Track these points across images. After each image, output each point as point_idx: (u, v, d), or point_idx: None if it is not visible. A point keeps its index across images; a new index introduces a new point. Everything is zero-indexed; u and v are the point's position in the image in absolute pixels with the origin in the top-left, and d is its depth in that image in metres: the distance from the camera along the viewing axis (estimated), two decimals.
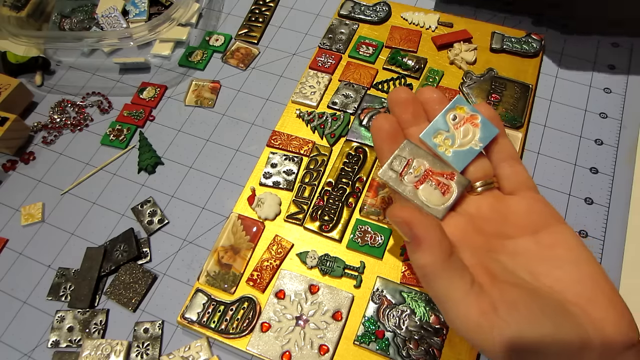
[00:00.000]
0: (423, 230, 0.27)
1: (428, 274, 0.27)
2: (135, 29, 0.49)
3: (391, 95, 0.34)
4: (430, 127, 0.32)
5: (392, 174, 0.32)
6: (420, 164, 0.32)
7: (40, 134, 0.51)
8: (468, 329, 0.26)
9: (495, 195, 0.32)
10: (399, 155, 0.32)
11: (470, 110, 0.32)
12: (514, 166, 0.32)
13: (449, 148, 0.32)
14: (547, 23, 0.53)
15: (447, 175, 0.31)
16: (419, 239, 0.27)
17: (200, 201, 0.45)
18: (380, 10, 0.54)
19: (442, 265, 0.27)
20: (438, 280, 0.27)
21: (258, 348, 0.37)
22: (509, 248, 0.30)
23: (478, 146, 0.32)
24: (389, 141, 0.33)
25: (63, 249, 0.44)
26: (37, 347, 0.39)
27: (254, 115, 0.50)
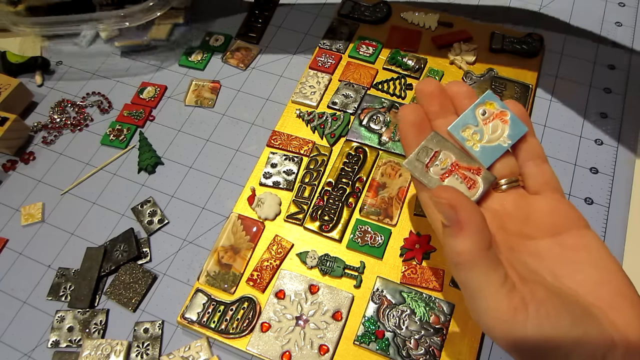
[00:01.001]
0: (467, 215, 0.26)
1: (464, 261, 0.26)
2: (130, 10, 0.49)
3: (419, 86, 0.34)
4: (459, 120, 0.32)
5: (418, 165, 0.31)
6: (447, 156, 0.31)
7: (40, 134, 0.51)
8: (496, 323, 0.26)
9: (519, 193, 0.31)
10: (426, 147, 0.32)
11: (500, 106, 0.32)
12: (540, 166, 0.32)
13: (477, 143, 0.32)
14: None
15: (473, 170, 0.31)
16: (462, 223, 0.26)
17: (200, 201, 0.45)
18: (380, 10, 0.54)
19: (480, 254, 0.26)
20: (473, 270, 0.26)
21: (258, 348, 0.37)
22: (530, 248, 0.29)
23: (506, 143, 0.31)
24: (415, 131, 0.32)
25: (63, 249, 0.44)
26: (37, 347, 0.39)
27: (254, 115, 0.50)
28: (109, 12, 0.50)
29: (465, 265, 0.26)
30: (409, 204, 0.42)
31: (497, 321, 0.26)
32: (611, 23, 0.53)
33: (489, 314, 0.26)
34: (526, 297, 0.26)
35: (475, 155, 0.31)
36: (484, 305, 0.26)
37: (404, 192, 0.43)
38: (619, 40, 0.51)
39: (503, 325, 0.25)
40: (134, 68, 0.55)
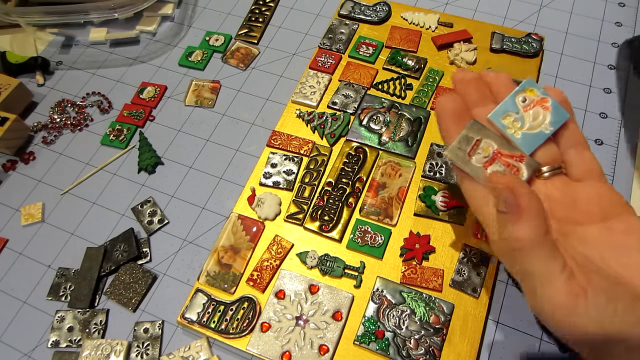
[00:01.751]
0: (526, 200, 0.26)
1: (524, 247, 0.26)
2: (118, 2, 0.51)
3: (457, 75, 0.34)
4: (499, 108, 0.32)
5: (460, 153, 0.31)
6: (488, 144, 0.31)
7: (40, 134, 0.51)
8: (554, 310, 0.26)
9: (562, 180, 0.31)
10: (467, 135, 0.31)
11: (540, 93, 0.32)
12: (582, 153, 0.31)
13: (518, 130, 0.31)
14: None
15: (516, 157, 0.31)
16: (521, 208, 0.26)
17: (200, 201, 0.45)
18: (380, 10, 0.54)
19: (540, 240, 0.26)
20: (532, 256, 0.26)
21: (258, 348, 0.37)
22: (578, 234, 0.29)
23: (548, 130, 0.31)
24: (454, 120, 0.32)
25: (63, 249, 0.44)
26: (37, 347, 0.39)
27: (254, 115, 0.50)
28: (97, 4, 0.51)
29: (525, 251, 0.26)
30: (408, 204, 0.42)
31: (556, 308, 0.26)
32: (611, 23, 0.53)
33: (548, 300, 0.26)
34: (584, 283, 0.26)
35: (516, 143, 0.31)
36: (543, 292, 0.26)
37: (404, 192, 0.43)
38: (619, 40, 0.51)
39: (563, 311, 0.25)
40: (134, 68, 0.55)
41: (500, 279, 0.39)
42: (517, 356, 0.36)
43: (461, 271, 0.39)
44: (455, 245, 0.40)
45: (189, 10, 0.60)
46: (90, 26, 0.58)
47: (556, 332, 0.28)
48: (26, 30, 0.58)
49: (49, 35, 0.58)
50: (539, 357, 0.36)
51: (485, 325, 0.37)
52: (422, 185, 0.43)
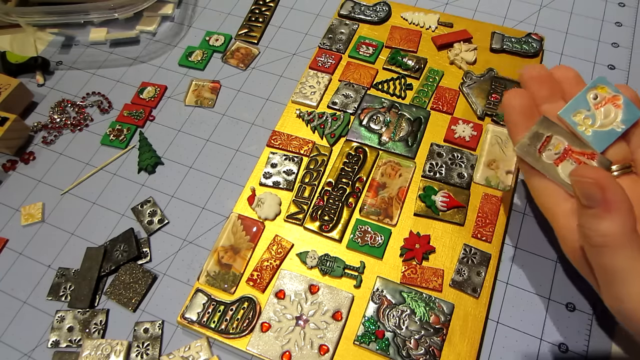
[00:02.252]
0: (616, 195, 0.25)
1: (610, 244, 0.25)
2: (118, 1, 0.51)
3: (526, 71, 0.33)
4: (570, 104, 0.31)
5: (531, 150, 0.31)
6: (559, 141, 0.31)
7: (40, 134, 0.51)
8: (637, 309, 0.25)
9: (633, 179, 0.30)
10: (537, 132, 0.31)
11: (612, 90, 0.32)
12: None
13: (588, 127, 0.31)
14: None
15: (587, 155, 0.31)
16: (611, 203, 0.25)
17: (200, 201, 0.45)
18: (380, 10, 0.54)
19: (628, 237, 0.25)
20: (619, 253, 0.25)
21: (258, 348, 0.37)
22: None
23: (620, 128, 0.31)
24: (523, 116, 0.32)
25: (63, 249, 0.44)
26: (37, 347, 0.39)
27: (254, 115, 0.50)
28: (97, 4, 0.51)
29: (612, 247, 0.25)
30: (408, 204, 0.42)
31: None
32: (611, 23, 0.53)
33: (632, 299, 0.25)
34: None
35: (587, 140, 0.31)
36: (628, 290, 0.25)
37: (404, 192, 0.43)
38: (619, 40, 0.51)
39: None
40: (134, 68, 0.55)
41: (500, 279, 0.39)
42: (517, 356, 0.36)
43: (461, 271, 0.39)
44: (455, 245, 0.40)
45: (189, 10, 0.60)
46: (90, 26, 0.58)
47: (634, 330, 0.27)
48: (26, 30, 0.58)
49: (49, 35, 0.58)
50: (539, 357, 0.36)
51: (485, 325, 0.37)
52: (422, 185, 0.43)
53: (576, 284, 0.38)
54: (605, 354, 0.36)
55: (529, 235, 0.41)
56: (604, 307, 0.37)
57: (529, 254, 0.40)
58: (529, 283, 0.39)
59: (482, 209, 0.41)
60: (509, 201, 0.42)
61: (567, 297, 0.38)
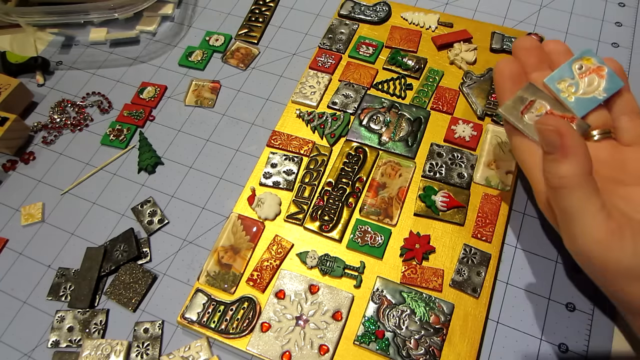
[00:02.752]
0: (573, 141, 0.28)
1: (567, 185, 0.28)
2: (118, 2, 0.51)
3: (517, 42, 0.36)
4: (555, 73, 0.34)
5: (514, 111, 0.33)
6: (541, 105, 0.33)
7: (40, 134, 0.51)
8: (592, 245, 0.27)
9: (612, 144, 0.33)
10: (522, 96, 0.33)
11: (597, 62, 0.34)
12: (634, 120, 0.33)
13: (571, 95, 0.33)
14: None
15: (567, 118, 0.33)
16: (568, 148, 0.28)
17: (200, 201, 0.45)
18: (380, 10, 0.54)
19: (583, 178, 0.27)
20: (575, 193, 0.28)
21: (258, 348, 0.37)
22: (622, 193, 0.30)
23: (602, 96, 0.33)
24: (511, 82, 0.34)
25: (63, 249, 0.44)
26: (37, 347, 0.39)
27: (254, 115, 0.50)
28: (97, 4, 0.51)
29: (568, 188, 0.28)
30: (408, 204, 0.42)
31: (593, 243, 0.27)
32: (611, 23, 0.53)
33: (586, 236, 0.27)
34: (623, 222, 0.27)
35: (569, 106, 0.33)
36: (583, 228, 0.27)
37: (404, 192, 0.43)
38: (619, 40, 0.51)
39: (599, 246, 0.27)
40: (134, 68, 0.55)
41: (500, 279, 0.39)
42: (517, 356, 0.36)
43: (461, 271, 0.39)
44: (455, 245, 0.40)
45: (189, 10, 0.60)
46: (90, 26, 0.58)
47: (589, 269, 0.29)
48: (26, 30, 0.58)
49: (49, 35, 0.58)
50: (539, 357, 0.36)
51: (485, 325, 0.37)
52: (422, 185, 0.43)
53: (576, 284, 0.38)
54: (605, 354, 0.36)
55: (529, 235, 0.41)
56: (604, 307, 0.37)
57: (529, 254, 0.40)
58: (529, 283, 0.39)
59: (482, 209, 0.41)
60: (509, 201, 0.42)
61: (567, 297, 0.38)
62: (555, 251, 0.40)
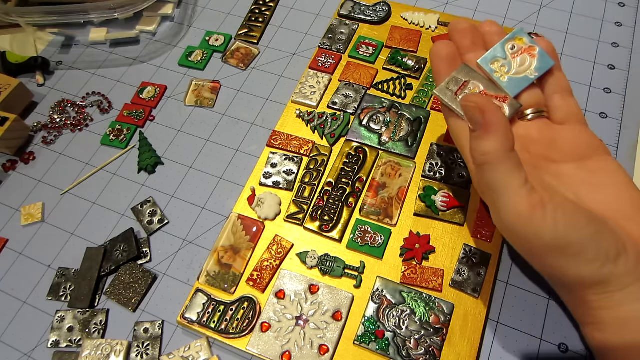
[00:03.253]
0: (494, 117, 0.28)
1: (489, 161, 0.28)
2: (118, 2, 0.51)
3: (452, 24, 0.37)
4: (488, 53, 0.34)
5: (448, 92, 0.34)
6: (475, 85, 0.34)
7: (40, 134, 0.51)
8: (515, 219, 0.28)
9: (544, 122, 0.33)
10: (456, 77, 0.34)
11: (529, 41, 0.34)
12: (565, 98, 0.34)
13: (504, 74, 0.34)
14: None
15: (500, 98, 0.33)
16: (489, 125, 0.28)
17: (200, 201, 0.45)
18: (380, 10, 0.54)
19: (504, 154, 0.28)
20: (497, 169, 0.28)
21: (258, 348, 0.37)
22: (552, 170, 0.31)
23: (533, 75, 0.34)
24: (446, 64, 0.35)
25: (63, 249, 0.44)
26: (37, 347, 0.39)
27: (254, 115, 0.50)
28: (97, 4, 0.51)
29: (491, 164, 0.29)
30: (408, 204, 0.42)
31: (516, 217, 0.28)
32: (611, 23, 0.53)
33: (509, 210, 0.28)
34: (545, 198, 0.27)
35: (502, 86, 0.33)
36: (506, 202, 0.28)
37: (404, 192, 0.43)
38: (619, 41, 0.51)
39: (521, 220, 0.27)
40: (134, 68, 0.55)
41: (500, 278, 0.39)
42: (517, 356, 0.36)
43: (461, 271, 0.39)
44: (455, 245, 0.40)
45: (189, 10, 0.60)
46: (90, 26, 0.58)
47: (515, 244, 0.30)
48: (26, 30, 0.58)
49: (49, 35, 0.58)
50: (539, 357, 0.36)
51: (485, 325, 0.37)
52: (422, 185, 0.43)
53: None
54: None
55: None
56: None
57: None
58: (529, 283, 0.39)
59: (482, 209, 0.41)
60: None
61: None
62: None
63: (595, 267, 0.27)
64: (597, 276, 0.27)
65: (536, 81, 0.34)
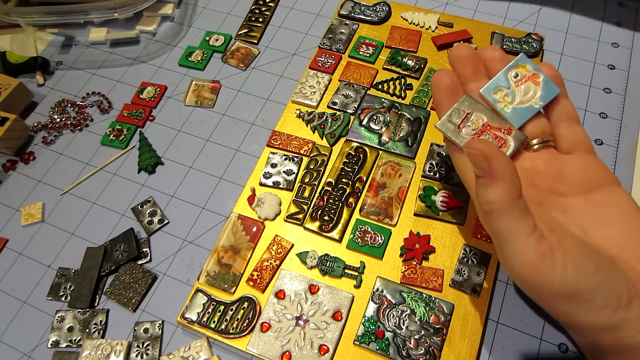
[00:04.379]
0: (500, 165, 0.27)
1: (496, 210, 0.28)
2: (118, 1, 0.51)
3: (453, 51, 0.35)
4: (491, 82, 0.33)
5: (451, 126, 0.33)
6: (478, 117, 0.33)
7: (40, 134, 0.51)
8: (523, 267, 0.27)
9: (551, 153, 0.32)
10: (458, 109, 0.33)
11: (532, 68, 0.33)
12: (572, 127, 0.32)
13: (508, 104, 0.32)
14: None
15: (504, 130, 0.32)
16: (495, 173, 0.27)
17: (200, 201, 0.45)
18: (380, 10, 0.54)
19: (511, 203, 0.27)
20: (504, 218, 0.27)
21: (258, 348, 0.37)
22: (560, 204, 0.30)
23: (538, 104, 0.32)
24: (448, 95, 0.34)
25: (63, 249, 0.44)
26: (37, 347, 0.39)
27: (254, 115, 0.50)
28: (97, 4, 0.51)
29: (497, 212, 0.28)
30: (408, 204, 0.42)
31: (525, 266, 0.27)
32: (611, 23, 0.53)
33: (517, 258, 0.27)
34: (554, 244, 0.27)
35: (506, 117, 0.32)
36: (513, 251, 0.27)
37: (404, 192, 0.43)
38: (619, 40, 0.51)
39: (530, 269, 0.27)
40: (134, 68, 0.55)
41: (500, 278, 0.39)
42: (517, 356, 0.36)
43: (461, 271, 0.39)
44: (455, 245, 0.40)
45: (189, 10, 0.60)
46: (90, 26, 0.58)
47: (525, 290, 0.29)
48: (26, 30, 0.58)
49: (49, 35, 0.58)
50: (539, 357, 0.36)
51: (485, 325, 0.37)
52: (422, 185, 0.43)
53: None
54: None
55: None
56: None
57: None
58: None
59: None
60: None
61: None
62: None
63: (607, 313, 0.26)
64: (609, 322, 0.26)
65: (542, 109, 0.33)
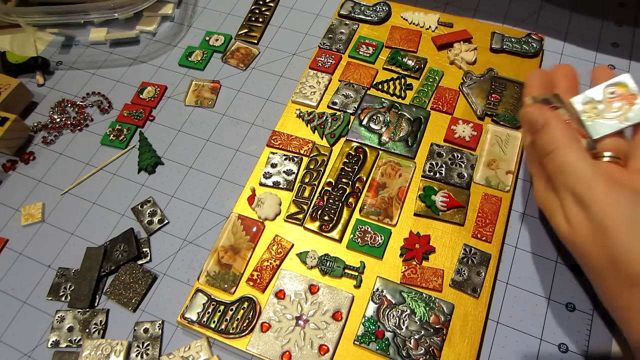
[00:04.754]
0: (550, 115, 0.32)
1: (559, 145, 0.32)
2: (118, 2, 0.51)
3: (557, 66, 0.38)
4: (584, 94, 0.34)
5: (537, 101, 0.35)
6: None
7: (40, 134, 0.51)
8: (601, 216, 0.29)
9: (617, 167, 0.33)
10: (548, 99, 0.35)
11: (633, 89, 0.34)
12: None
13: (593, 117, 0.34)
14: None
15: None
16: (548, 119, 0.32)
17: (200, 201, 0.45)
18: (380, 10, 0.54)
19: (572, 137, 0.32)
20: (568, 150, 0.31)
21: (258, 348, 0.37)
22: None
23: (623, 123, 0.33)
24: (541, 82, 0.37)
25: (63, 249, 0.44)
26: (37, 347, 0.39)
27: (254, 115, 0.50)
28: (97, 4, 0.51)
29: (562, 147, 0.31)
30: (408, 204, 0.42)
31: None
32: (611, 23, 0.53)
33: (583, 185, 0.30)
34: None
35: (586, 127, 0.34)
36: (576, 177, 0.30)
37: (404, 192, 0.43)
38: (619, 41, 0.51)
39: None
40: (134, 68, 0.55)
41: (500, 279, 0.39)
42: (517, 356, 0.36)
43: (461, 271, 0.39)
44: (455, 245, 0.40)
45: (189, 10, 0.60)
46: (90, 26, 0.58)
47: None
48: (26, 30, 0.58)
49: (49, 35, 0.58)
50: (539, 357, 0.36)
51: (485, 325, 0.37)
52: (422, 185, 0.43)
53: (576, 284, 0.38)
54: (605, 354, 0.36)
55: (529, 235, 0.41)
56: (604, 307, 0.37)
57: (529, 254, 0.40)
58: (529, 283, 0.39)
59: (482, 209, 0.41)
60: (509, 201, 0.42)
61: (567, 297, 0.38)
62: (555, 251, 0.40)
63: None
64: None
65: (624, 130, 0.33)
